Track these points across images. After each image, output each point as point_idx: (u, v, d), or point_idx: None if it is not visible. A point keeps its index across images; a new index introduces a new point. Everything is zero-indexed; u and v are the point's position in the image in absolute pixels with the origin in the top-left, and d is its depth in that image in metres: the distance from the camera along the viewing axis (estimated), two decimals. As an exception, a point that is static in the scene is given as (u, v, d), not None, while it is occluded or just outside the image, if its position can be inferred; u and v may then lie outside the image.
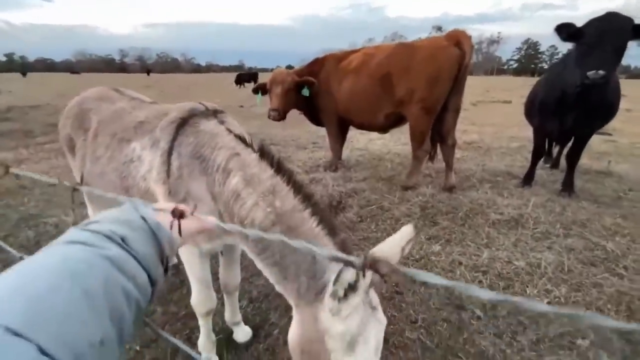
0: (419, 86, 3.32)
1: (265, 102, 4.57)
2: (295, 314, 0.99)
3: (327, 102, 4.29)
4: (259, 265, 1.08)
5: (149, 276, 0.46)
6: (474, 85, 25.67)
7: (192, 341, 1.80)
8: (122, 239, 0.44)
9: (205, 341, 1.65)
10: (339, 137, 4.62)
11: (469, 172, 4.51)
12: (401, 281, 2.21)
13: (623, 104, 4.15)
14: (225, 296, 1.80)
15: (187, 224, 0.62)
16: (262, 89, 4.45)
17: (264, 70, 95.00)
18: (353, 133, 5.03)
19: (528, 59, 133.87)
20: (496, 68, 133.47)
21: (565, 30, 2.95)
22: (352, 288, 0.76)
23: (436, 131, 3.69)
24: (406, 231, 0.87)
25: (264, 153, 1.12)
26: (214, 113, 1.30)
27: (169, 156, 1.22)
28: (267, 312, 2.04)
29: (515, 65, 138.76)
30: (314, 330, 0.88)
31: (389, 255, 0.89)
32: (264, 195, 1.02)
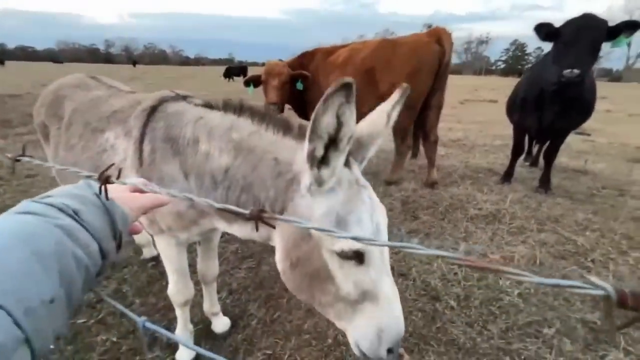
0: (399, 81, 3.35)
1: (257, 95, 4.52)
2: (275, 236, 0.93)
3: (315, 96, 4.29)
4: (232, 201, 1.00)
5: (100, 248, 0.48)
6: (462, 85, 26.01)
7: (170, 332, 1.80)
8: (75, 212, 0.46)
9: (183, 330, 1.66)
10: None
11: (451, 168, 4.61)
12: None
13: (603, 105, 4.31)
14: (203, 287, 1.80)
15: (142, 199, 0.63)
16: (254, 81, 4.35)
17: (254, 64, 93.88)
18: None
19: (515, 60, 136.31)
20: (485, 68, 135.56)
21: (544, 30, 3.04)
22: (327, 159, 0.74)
23: (419, 128, 3.75)
24: (393, 96, 0.93)
25: (227, 105, 1.12)
26: (184, 97, 1.30)
27: (140, 144, 1.22)
28: (246, 304, 2.05)
29: (502, 66, 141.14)
30: (298, 231, 0.82)
31: (375, 121, 0.93)
32: (223, 136, 1.03)
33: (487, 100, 15.44)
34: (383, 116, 0.93)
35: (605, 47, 2.95)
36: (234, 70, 28.62)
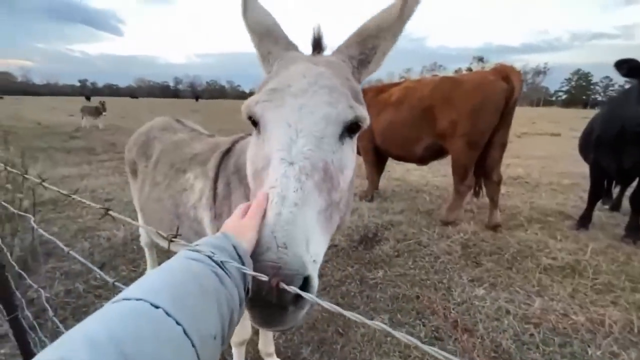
0: (461, 118, 3.26)
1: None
2: None
3: (364, 132, 4.36)
4: None
5: (239, 296, 0.52)
6: (518, 117, 24.55)
7: (224, 369, 1.79)
8: (222, 262, 0.50)
9: (238, 371, 1.64)
10: (376, 166, 4.61)
11: (515, 209, 4.24)
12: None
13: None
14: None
15: (250, 223, 0.60)
16: None
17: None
18: (390, 162, 4.99)
19: (579, 90, 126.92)
20: (543, 99, 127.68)
21: (625, 66, 2.79)
22: None
23: (480, 166, 3.55)
24: None
25: None
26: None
27: (214, 182, 1.29)
28: (299, 346, 1.99)
29: (564, 97, 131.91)
30: None
31: (384, 14, 0.85)
32: None
33: (548, 133, 14.35)
34: (395, 8, 0.83)
35: None
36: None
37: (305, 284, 0.57)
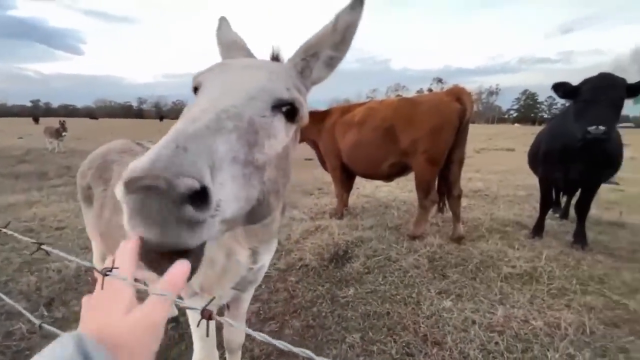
0: (421, 137, 3.45)
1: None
2: None
3: (331, 151, 4.49)
4: None
5: None
6: (477, 134, 26.32)
7: (187, 406, 1.67)
8: None
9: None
10: (345, 184, 4.69)
11: (477, 221, 4.46)
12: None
13: (628, 153, 4.20)
14: (227, 354, 1.70)
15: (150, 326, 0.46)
16: None
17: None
18: (359, 179, 5.10)
19: (527, 108, 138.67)
20: (497, 117, 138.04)
21: (561, 89, 3.12)
22: None
23: (442, 182, 3.75)
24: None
25: None
26: None
27: None
28: (269, 374, 1.91)
29: (515, 114, 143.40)
30: None
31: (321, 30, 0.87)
32: None
33: (504, 148, 15.43)
34: (331, 22, 0.86)
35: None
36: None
37: (205, 196, 0.49)
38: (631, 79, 2.96)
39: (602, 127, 2.70)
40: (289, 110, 0.78)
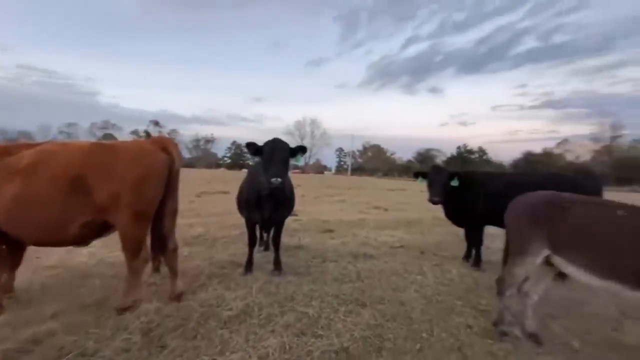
0: (124, 189, 2.96)
1: None
2: None
3: None
4: None
5: None
6: (197, 178, 27.54)
7: None
8: None
9: None
10: (3, 261, 3.15)
11: (197, 269, 4.42)
12: None
13: (298, 192, 5.81)
14: None
15: None
16: None
17: None
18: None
19: (236, 156, 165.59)
20: (214, 162, 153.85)
21: (252, 148, 3.86)
22: None
23: (156, 237, 3.39)
24: None
25: None
26: None
27: None
28: None
29: (229, 161, 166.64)
30: None
31: None
32: None
33: (220, 191, 17.06)
34: None
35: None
36: None
37: None
38: (294, 142, 4.18)
39: (279, 179, 3.56)
40: None
